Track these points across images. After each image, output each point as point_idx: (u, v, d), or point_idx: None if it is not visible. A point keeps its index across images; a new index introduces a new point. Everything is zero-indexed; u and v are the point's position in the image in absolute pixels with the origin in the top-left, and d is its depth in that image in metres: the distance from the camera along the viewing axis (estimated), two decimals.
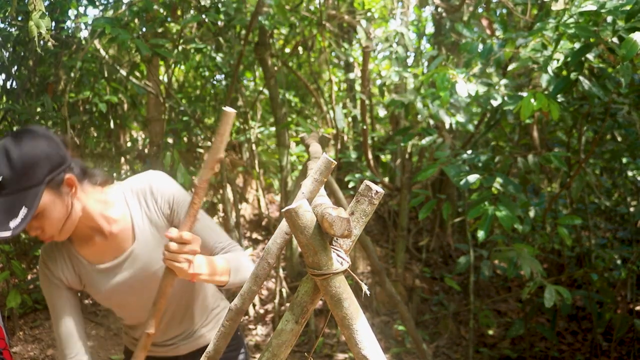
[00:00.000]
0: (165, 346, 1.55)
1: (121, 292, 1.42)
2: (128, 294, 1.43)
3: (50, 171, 1.20)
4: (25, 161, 1.16)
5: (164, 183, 1.40)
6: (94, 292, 1.43)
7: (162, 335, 1.53)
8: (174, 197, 1.39)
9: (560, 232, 2.82)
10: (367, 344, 0.85)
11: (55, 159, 1.22)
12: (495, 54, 2.88)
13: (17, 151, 1.17)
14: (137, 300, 1.45)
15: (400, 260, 4.46)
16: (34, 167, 1.17)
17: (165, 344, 1.55)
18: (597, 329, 3.64)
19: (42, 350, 3.70)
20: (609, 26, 2.24)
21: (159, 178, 1.41)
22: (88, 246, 1.40)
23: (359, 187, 0.87)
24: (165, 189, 1.39)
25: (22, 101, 3.96)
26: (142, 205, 1.39)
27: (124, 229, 1.39)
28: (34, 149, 1.18)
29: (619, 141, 3.69)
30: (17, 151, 1.17)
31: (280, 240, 1.05)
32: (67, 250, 1.42)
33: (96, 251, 1.40)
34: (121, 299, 1.44)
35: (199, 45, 3.77)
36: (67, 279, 1.42)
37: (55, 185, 1.22)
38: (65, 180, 1.24)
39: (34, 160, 1.17)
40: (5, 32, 3.83)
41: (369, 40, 4.11)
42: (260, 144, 5.77)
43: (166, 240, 1.29)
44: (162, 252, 1.30)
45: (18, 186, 1.16)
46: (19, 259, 4.31)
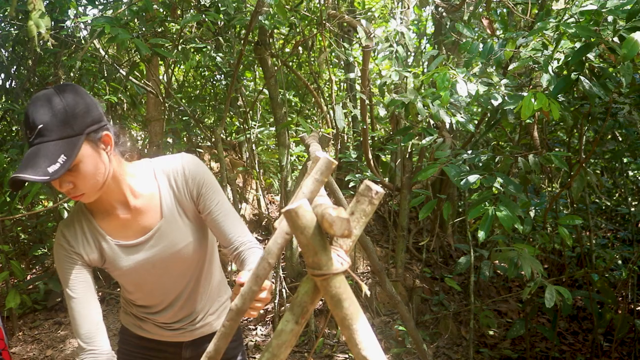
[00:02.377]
0: (173, 330, 1.55)
1: (142, 270, 1.41)
2: (148, 273, 1.42)
3: (90, 124, 1.23)
4: (68, 111, 1.20)
5: (197, 166, 1.41)
6: (112, 269, 1.42)
7: (172, 317, 1.53)
8: (204, 181, 1.40)
9: (561, 232, 2.81)
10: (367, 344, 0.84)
11: (96, 114, 1.25)
12: (495, 54, 2.87)
13: (60, 101, 1.20)
14: (155, 280, 1.45)
15: (401, 260, 4.46)
16: (75, 117, 1.20)
17: (173, 327, 1.54)
18: (598, 330, 3.63)
19: (41, 350, 3.70)
20: (609, 26, 2.24)
21: (192, 160, 1.42)
22: (111, 220, 1.38)
23: (359, 187, 0.86)
24: (197, 172, 1.40)
25: (21, 101, 3.95)
26: (171, 184, 1.40)
27: (150, 205, 1.39)
28: (76, 101, 1.22)
29: (620, 141, 3.69)
30: (60, 101, 1.20)
31: (280, 240, 1.04)
32: (88, 224, 1.39)
33: (119, 226, 1.39)
34: (140, 277, 1.43)
35: (198, 45, 3.77)
36: (87, 255, 1.38)
37: (94, 139, 1.24)
38: (103, 137, 1.26)
39: (75, 111, 1.21)
40: (4, 32, 3.82)
41: (369, 40, 4.10)
42: (260, 144, 5.77)
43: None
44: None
45: (59, 135, 1.18)
46: (18, 259, 4.31)
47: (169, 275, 1.44)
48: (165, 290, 1.49)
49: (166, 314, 1.52)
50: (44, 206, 4.53)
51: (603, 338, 3.82)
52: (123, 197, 1.36)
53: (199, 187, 1.40)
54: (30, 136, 1.19)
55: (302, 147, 5.14)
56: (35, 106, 1.19)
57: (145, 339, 1.59)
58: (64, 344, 3.77)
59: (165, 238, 1.40)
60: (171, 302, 1.51)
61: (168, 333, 1.55)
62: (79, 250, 1.37)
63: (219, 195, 1.43)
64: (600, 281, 3.58)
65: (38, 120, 1.18)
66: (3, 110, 4.07)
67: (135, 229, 1.39)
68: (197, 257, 1.47)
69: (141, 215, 1.38)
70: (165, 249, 1.40)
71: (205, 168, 1.44)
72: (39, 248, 4.21)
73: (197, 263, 1.48)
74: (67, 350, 3.70)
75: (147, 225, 1.39)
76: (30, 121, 1.18)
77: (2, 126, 4.68)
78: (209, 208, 1.41)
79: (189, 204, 1.41)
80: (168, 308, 1.52)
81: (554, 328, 3.52)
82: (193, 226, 1.43)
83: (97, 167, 1.25)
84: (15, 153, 3.60)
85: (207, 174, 1.43)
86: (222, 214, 1.41)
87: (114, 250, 1.39)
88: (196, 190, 1.40)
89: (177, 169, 1.40)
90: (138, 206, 1.37)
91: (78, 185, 1.24)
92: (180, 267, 1.45)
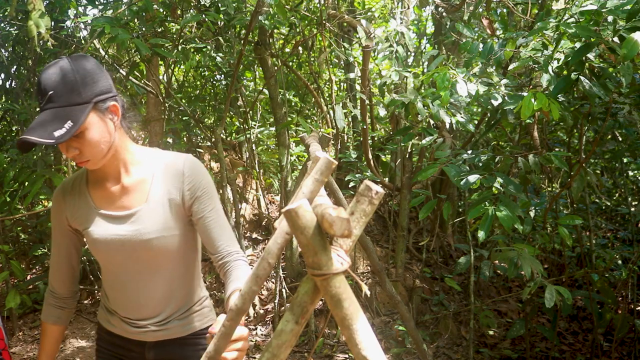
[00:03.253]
0: (136, 327, 1.52)
1: (112, 245, 1.43)
2: (117, 252, 1.44)
3: (99, 94, 1.29)
4: (77, 79, 1.26)
5: (198, 169, 1.44)
6: (87, 236, 1.46)
7: (136, 313, 1.51)
8: (201, 185, 1.42)
9: (561, 232, 2.81)
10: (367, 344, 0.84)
11: (105, 84, 1.31)
12: (495, 54, 2.87)
13: (71, 69, 1.26)
14: (122, 262, 1.45)
15: (400, 260, 4.46)
16: (84, 85, 1.27)
17: (137, 324, 1.52)
18: (597, 329, 3.63)
19: None
20: (609, 26, 2.24)
21: (194, 163, 1.45)
22: (100, 189, 1.44)
23: (359, 187, 0.86)
24: (196, 174, 1.43)
25: (21, 101, 3.95)
26: (167, 177, 1.42)
27: (139, 187, 1.42)
28: (86, 70, 1.28)
29: (620, 141, 3.69)
30: (70, 69, 1.26)
31: (280, 240, 1.04)
32: (79, 189, 1.47)
33: (105, 197, 1.44)
34: (109, 253, 1.45)
35: (198, 45, 3.77)
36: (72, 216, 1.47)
37: (101, 108, 1.30)
38: (110, 107, 1.32)
39: (85, 79, 1.27)
40: (4, 32, 3.82)
41: (369, 40, 4.10)
42: (260, 144, 5.77)
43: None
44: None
45: (67, 101, 1.25)
46: (18, 259, 4.31)
47: (136, 262, 1.44)
48: (131, 278, 1.47)
49: (130, 307, 1.51)
50: (44, 206, 4.54)
51: (603, 338, 3.82)
52: (117, 171, 1.41)
53: (195, 189, 1.41)
54: (42, 101, 1.26)
55: (302, 147, 5.14)
56: (47, 73, 1.26)
57: (113, 334, 1.57)
58: (64, 344, 3.77)
59: (142, 222, 1.41)
60: (136, 296, 1.49)
61: (132, 330, 1.52)
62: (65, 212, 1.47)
63: (214, 202, 1.44)
64: (600, 281, 3.58)
65: (49, 87, 1.24)
66: (3, 110, 4.07)
67: (118, 205, 1.43)
68: (168, 255, 1.45)
69: (127, 194, 1.42)
70: (137, 233, 1.41)
71: (205, 173, 1.45)
72: (39, 248, 4.21)
73: (168, 262, 1.46)
74: (67, 350, 3.70)
75: (129, 205, 1.42)
76: (42, 87, 1.25)
77: (2, 126, 4.68)
78: (202, 213, 1.42)
79: (178, 202, 1.42)
80: (132, 301, 1.50)
81: (554, 328, 3.52)
82: (173, 224, 1.42)
83: (103, 136, 1.31)
84: (15, 153, 3.60)
85: (206, 178, 1.44)
86: (214, 221, 1.42)
87: (92, 216, 1.44)
88: (190, 192, 1.41)
89: (178, 167, 1.42)
90: (126, 184, 1.42)
91: (84, 152, 1.30)
92: (147, 258, 1.44)
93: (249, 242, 5.28)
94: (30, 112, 3.70)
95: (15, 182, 3.72)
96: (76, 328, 3.98)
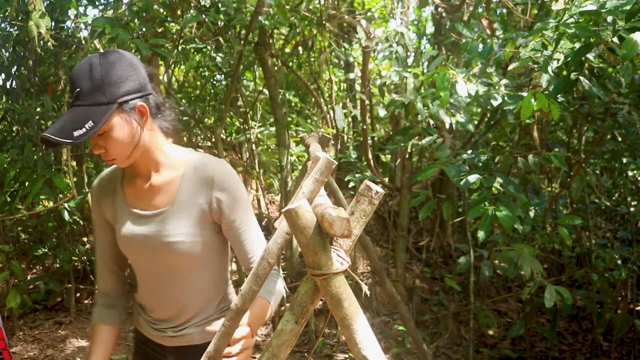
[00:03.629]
0: (157, 330, 1.51)
1: (134, 243, 1.43)
2: (139, 251, 1.43)
3: (125, 94, 1.26)
4: (104, 78, 1.24)
5: (228, 177, 1.38)
6: (116, 231, 1.46)
7: (156, 313, 1.50)
8: (230, 193, 1.37)
9: (561, 232, 2.81)
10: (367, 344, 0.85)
11: (133, 84, 1.28)
12: (495, 54, 2.87)
13: (99, 68, 1.25)
14: (145, 262, 1.45)
15: (400, 260, 4.46)
16: (110, 85, 1.25)
17: (157, 327, 1.51)
18: (597, 329, 3.64)
19: (42, 350, 3.70)
20: (609, 26, 2.24)
21: (226, 172, 1.39)
22: (133, 186, 1.43)
23: (359, 187, 0.87)
24: (226, 182, 1.37)
25: (21, 101, 3.96)
26: (196, 182, 1.38)
27: (167, 188, 1.39)
28: (114, 69, 1.26)
29: (619, 141, 3.69)
30: (99, 68, 1.25)
31: (280, 240, 1.05)
32: (115, 183, 1.46)
33: (136, 194, 1.42)
34: (132, 250, 1.45)
35: (199, 45, 3.77)
36: (107, 211, 1.47)
37: (127, 109, 1.28)
38: (137, 107, 1.29)
39: (111, 79, 1.25)
40: (5, 32, 3.83)
41: (369, 40, 4.10)
42: (260, 144, 5.77)
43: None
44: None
45: (91, 101, 1.24)
46: (19, 259, 4.31)
47: (156, 263, 1.42)
48: (153, 278, 1.47)
49: (150, 307, 1.51)
50: (45, 206, 4.53)
51: (602, 338, 3.82)
52: (147, 170, 1.40)
53: (224, 199, 1.37)
54: (72, 97, 1.26)
55: (302, 147, 5.14)
56: (78, 68, 1.26)
57: (140, 333, 1.58)
58: (65, 344, 3.77)
59: (165, 224, 1.39)
60: (157, 297, 1.48)
61: (153, 332, 1.52)
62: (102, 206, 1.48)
63: (244, 212, 1.40)
64: (599, 281, 3.58)
65: (77, 84, 1.25)
66: (3, 110, 4.07)
67: (146, 204, 1.41)
68: (188, 261, 1.41)
69: (155, 194, 1.40)
70: (160, 235, 1.39)
71: (237, 181, 1.40)
72: (40, 248, 4.21)
73: (188, 267, 1.42)
74: (67, 350, 3.70)
75: (156, 205, 1.40)
76: (72, 83, 1.26)
77: (2, 126, 4.68)
78: (232, 224, 1.39)
79: (205, 209, 1.38)
80: (153, 302, 1.50)
81: (554, 328, 3.52)
82: (196, 230, 1.38)
83: (127, 136, 1.29)
84: (15, 153, 3.60)
85: (236, 187, 1.39)
86: (244, 232, 1.39)
87: (123, 213, 1.44)
88: (218, 200, 1.37)
89: (207, 172, 1.37)
90: (155, 184, 1.39)
91: (109, 151, 1.30)
92: (168, 260, 1.42)
93: None
94: (30, 112, 3.70)
95: (16, 182, 3.72)
96: (76, 328, 3.98)
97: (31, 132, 3.86)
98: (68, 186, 3.78)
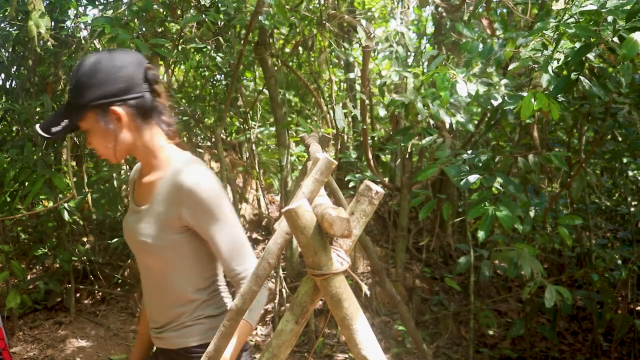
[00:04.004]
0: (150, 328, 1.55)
1: (126, 237, 1.49)
2: (129, 244, 1.49)
3: (100, 97, 1.29)
4: (83, 80, 1.29)
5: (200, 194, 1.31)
6: None
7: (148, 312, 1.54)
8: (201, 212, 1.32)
9: (561, 232, 2.81)
10: (367, 344, 0.85)
11: (112, 88, 1.29)
12: (495, 54, 2.87)
13: (86, 67, 1.30)
14: (137, 258, 1.50)
15: (400, 260, 4.46)
16: (88, 87, 1.29)
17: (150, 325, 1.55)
18: (597, 329, 3.64)
19: (42, 350, 3.70)
20: (609, 26, 2.24)
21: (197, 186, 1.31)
22: (139, 181, 1.47)
23: (359, 187, 0.86)
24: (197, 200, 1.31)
25: (21, 101, 3.96)
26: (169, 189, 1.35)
27: (150, 189, 1.40)
28: (97, 71, 1.29)
29: (620, 141, 3.69)
30: (86, 67, 1.30)
31: (280, 240, 1.05)
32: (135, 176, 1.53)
33: (137, 189, 1.48)
34: (129, 244, 1.50)
35: (199, 45, 3.77)
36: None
37: (101, 111, 1.31)
38: (110, 111, 1.31)
39: (90, 81, 1.29)
40: (5, 32, 3.82)
41: (369, 40, 4.10)
42: (260, 144, 5.77)
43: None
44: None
45: (73, 99, 1.31)
46: (19, 259, 4.31)
47: (142, 262, 1.47)
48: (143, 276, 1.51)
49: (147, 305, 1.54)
50: (44, 206, 4.53)
51: (603, 338, 3.82)
52: (147, 168, 1.44)
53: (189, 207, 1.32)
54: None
55: (302, 147, 5.14)
56: (75, 66, 1.33)
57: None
58: (64, 344, 3.77)
59: (140, 222, 1.40)
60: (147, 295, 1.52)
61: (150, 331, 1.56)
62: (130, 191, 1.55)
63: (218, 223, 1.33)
64: (600, 281, 3.58)
65: (70, 81, 1.32)
66: (3, 110, 4.07)
67: (138, 199, 1.46)
68: (160, 263, 1.40)
69: (144, 191, 1.44)
70: (136, 232, 1.41)
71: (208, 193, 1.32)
72: (39, 248, 4.21)
73: (162, 269, 1.41)
74: (67, 350, 3.70)
75: (142, 202, 1.44)
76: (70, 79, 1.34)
77: (2, 126, 4.68)
78: (206, 235, 1.35)
79: (173, 214, 1.35)
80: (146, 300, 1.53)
81: (554, 328, 3.52)
82: (163, 234, 1.36)
83: (102, 137, 1.33)
84: (15, 153, 3.60)
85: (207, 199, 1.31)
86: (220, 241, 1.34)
87: (130, 205, 1.50)
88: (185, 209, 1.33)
89: (179, 179, 1.33)
90: (145, 182, 1.43)
91: (96, 148, 1.37)
92: (146, 260, 1.44)
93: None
94: (30, 112, 3.70)
95: (16, 182, 3.72)
96: (76, 328, 3.98)
97: (31, 132, 3.86)
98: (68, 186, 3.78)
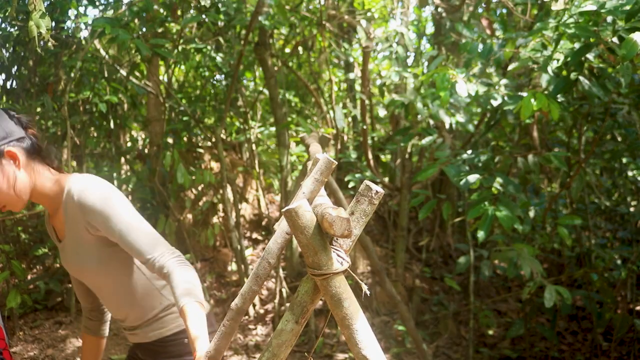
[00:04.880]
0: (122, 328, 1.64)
1: (74, 273, 1.55)
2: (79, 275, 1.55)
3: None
4: None
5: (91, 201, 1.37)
6: None
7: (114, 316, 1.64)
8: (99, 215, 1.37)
9: (560, 232, 2.82)
10: (367, 344, 0.85)
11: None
12: (495, 54, 2.88)
13: None
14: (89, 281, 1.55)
15: (400, 260, 4.46)
16: None
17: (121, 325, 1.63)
18: (597, 329, 3.64)
19: (42, 350, 3.70)
20: (609, 26, 2.24)
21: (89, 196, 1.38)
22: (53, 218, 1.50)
23: (359, 187, 0.87)
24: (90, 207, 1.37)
25: (22, 101, 3.96)
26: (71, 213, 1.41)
27: (60, 222, 1.47)
28: None
29: (619, 141, 3.69)
30: None
31: (281, 240, 1.05)
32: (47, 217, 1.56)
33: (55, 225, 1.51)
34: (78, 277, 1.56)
35: (199, 45, 3.77)
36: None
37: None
38: (5, 153, 1.34)
39: None
40: (5, 32, 3.83)
41: (369, 40, 4.11)
42: (260, 144, 5.77)
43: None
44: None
45: None
46: (19, 259, 4.31)
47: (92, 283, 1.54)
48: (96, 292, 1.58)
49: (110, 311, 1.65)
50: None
51: (602, 338, 3.83)
52: (47, 206, 1.47)
53: (93, 219, 1.38)
54: None
55: (302, 147, 5.14)
56: None
57: None
58: (65, 344, 3.77)
59: (67, 254, 1.49)
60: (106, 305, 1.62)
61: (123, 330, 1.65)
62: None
63: (117, 220, 1.36)
64: (599, 281, 3.59)
65: None
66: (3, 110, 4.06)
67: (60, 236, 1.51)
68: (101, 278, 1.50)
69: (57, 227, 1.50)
70: (69, 263, 1.51)
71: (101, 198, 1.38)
72: (40, 248, 4.21)
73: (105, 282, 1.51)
74: (67, 350, 3.70)
75: (60, 237, 1.51)
76: None
77: None
78: (112, 235, 1.38)
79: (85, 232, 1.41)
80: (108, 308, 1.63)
81: (554, 328, 3.52)
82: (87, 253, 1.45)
83: (3, 181, 1.34)
84: None
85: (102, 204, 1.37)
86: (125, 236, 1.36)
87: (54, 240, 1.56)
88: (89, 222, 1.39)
89: (74, 199, 1.39)
90: (54, 217, 1.48)
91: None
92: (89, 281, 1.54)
93: (249, 242, 5.29)
94: (30, 112, 3.71)
95: None
96: (76, 328, 3.98)
97: None
98: None
